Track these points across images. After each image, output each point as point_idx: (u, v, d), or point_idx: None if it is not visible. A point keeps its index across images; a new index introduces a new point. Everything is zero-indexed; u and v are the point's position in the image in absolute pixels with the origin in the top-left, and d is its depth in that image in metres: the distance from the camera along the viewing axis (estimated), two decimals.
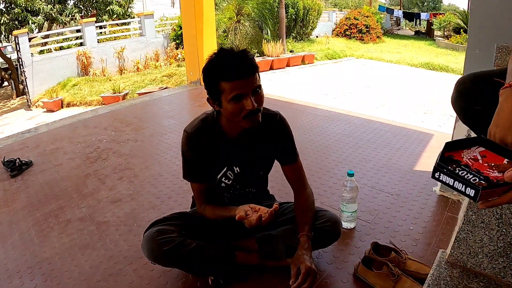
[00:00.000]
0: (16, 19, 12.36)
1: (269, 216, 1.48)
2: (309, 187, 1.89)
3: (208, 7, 6.11)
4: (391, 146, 3.47)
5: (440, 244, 2.04)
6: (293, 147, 1.84)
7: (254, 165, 1.81)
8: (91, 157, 3.56)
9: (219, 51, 1.54)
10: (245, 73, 1.49)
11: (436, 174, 0.92)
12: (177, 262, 1.68)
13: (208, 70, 1.54)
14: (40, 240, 2.31)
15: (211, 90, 1.56)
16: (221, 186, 1.81)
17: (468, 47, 2.26)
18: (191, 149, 1.70)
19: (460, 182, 0.86)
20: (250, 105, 1.50)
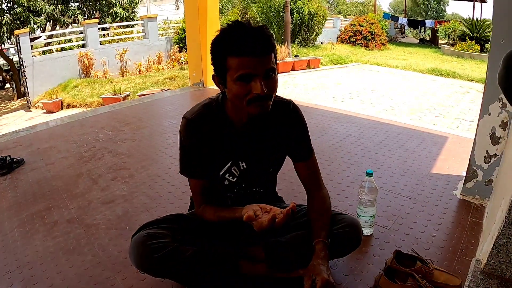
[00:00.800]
0: (18, 19, 12.25)
1: (284, 217, 1.24)
2: (324, 187, 1.64)
3: (212, 9, 5.94)
4: (405, 148, 3.26)
5: (467, 252, 1.83)
6: (308, 141, 1.60)
7: (262, 160, 1.56)
8: (85, 156, 3.34)
9: (233, 22, 1.30)
10: (258, 50, 1.25)
11: None
12: (170, 271, 1.43)
13: (216, 41, 1.31)
14: (23, 242, 2.08)
15: (217, 65, 1.33)
16: (224, 184, 1.56)
17: (492, 37, 2.13)
18: (190, 138, 1.45)
19: None
20: (258, 89, 1.26)
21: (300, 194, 1.66)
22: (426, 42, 22.40)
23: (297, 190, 1.68)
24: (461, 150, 3.06)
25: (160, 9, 23.40)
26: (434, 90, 9.08)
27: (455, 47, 16.96)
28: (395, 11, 41.74)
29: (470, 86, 9.65)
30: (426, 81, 10.49)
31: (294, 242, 1.54)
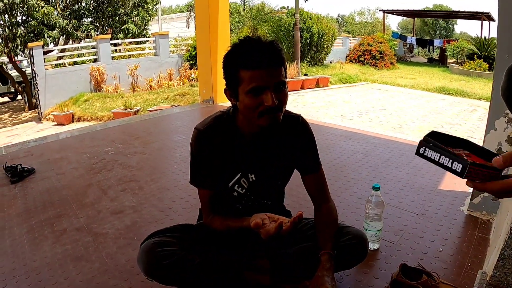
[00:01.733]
0: (32, 31, 12.49)
1: (291, 224, 1.26)
2: (331, 200, 1.65)
3: (223, 28, 6.05)
4: (412, 165, 3.27)
5: (473, 267, 1.83)
6: (315, 154, 1.62)
7: (271, 173, 1.58)
8: (95, 167, 3.39)
9: (245, 37, 1.36)
10: (269, 63, 1.30)
11: (421, 149, 0.87)
12: (177, 279, 1.45)
13: (229, 55, 1.36)
14: (31, 248, 2.12)
15: (229, 78, 1.37)
16: (233, 195, 1.58)
17: (497, 53, 2.17)
18: (201, 149, 1.48)
19: (447, 157, 0.81)
20: (269, 101, 1.29)
21: (308, 208, 1.66)
22: (435, 61, 22.44)
23: (305, 204, 1.70)
24: None
25: (171, 26, 23.72)
26: (442, 109, 9.08)
27: (463, 66, 16.98)
28: (404, 30, 41.97)
29: (478, 105, 9.63)
30: (434, 99, 10.49)
31: (300, 253, 1.55)
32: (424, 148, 0.86)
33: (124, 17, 14.48)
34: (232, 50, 1.35)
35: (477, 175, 0.80)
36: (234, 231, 1.47)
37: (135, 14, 14.86)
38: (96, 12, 14.22)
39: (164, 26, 23.54)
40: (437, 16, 32.84)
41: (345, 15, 49.93)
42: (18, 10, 12.23)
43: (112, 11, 14.16)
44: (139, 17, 14.97)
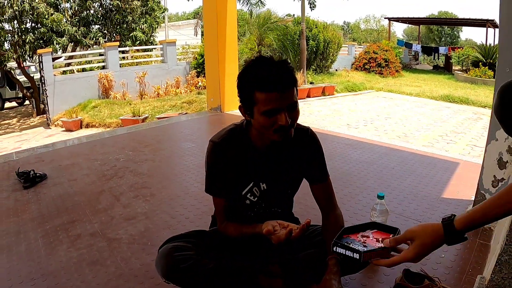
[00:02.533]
0: (41, 38, 12.69)
1: (300, 231, 1.36)
2: (338, 208, 1.73)
3: (231, 37, 6.15)
4: (416, 174, 3.33)
5: (474, 272, 1.89)
6: (324, 164, 1.70)
7: (282, 182, 1.67)
8: (107, 174, 3.48)
9: (258, 58, 1.43)
10: (283, 86, 1.37)
11: (333, 248, 1.23)
12: (193, 282, 1.53)
13: (244, 77, 1.43)
14: (47, 252, 2.20)
15: (244, 98, 1.45)
16: (245, 203, 1.66)
17: (498, 66, 2.23)
18: (216, 161, 1.57)
19: (350, 250, 1.20)
20: (283, 121, 1.38)
21: (315, 216, 1.74)
22: (440, 68, 22.49)
23: (312, 212, 1.78)
24: (472, 176, 3.12)
25: (178, 33, 23.92)
26: (447, 117, 9.13)
27: (468, 73, 17.03)
28: (409, 37, 42.04)
29: (482, 113, 9.67)
30: (440, 107, 10.55)
31: (309, 259, 1.63)
32: (335, 247, 1.22)
33: (132, 25, 14.67)
34: (247, 71, 1.42)
35: (372, 257, 1.17)
36: (247, 237, 1.56)
37: (143, 22, 15.05)
38: (104, 19, 14.43)
39: (171, 33, 23.74)
40: (442, 23, 32.90)
41: (351, 22, 50.07)
42: (28, 17, 12.43)
43: (120, 18, 14.35)
44: (146, 25, 15.16)
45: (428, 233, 1.10)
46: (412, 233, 1.12)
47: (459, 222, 1.06)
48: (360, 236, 1.27)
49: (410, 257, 1.11)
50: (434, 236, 1.09)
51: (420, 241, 1.10)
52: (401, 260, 1.13)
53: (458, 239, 1.07)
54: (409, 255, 1.11)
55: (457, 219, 1.07)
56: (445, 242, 1.09)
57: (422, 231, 1.11)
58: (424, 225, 1.12)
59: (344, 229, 1.31)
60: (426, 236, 1.09)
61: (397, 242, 1.17)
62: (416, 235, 1.11)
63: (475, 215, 1.05)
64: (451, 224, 1.06)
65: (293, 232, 1.36)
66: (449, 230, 1.06)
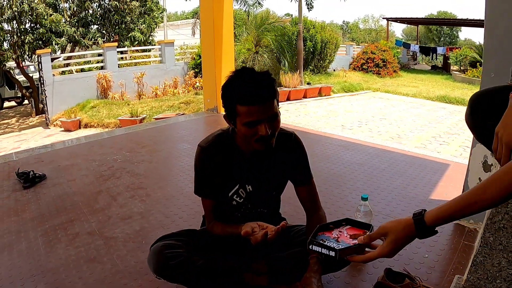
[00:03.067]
0: (40, 39, 12.77)
1: (275, 233, 1.45)
2: (322, 209, 1.83)
3: (228, 38, 6.21)
4: (406, 175, 3.42)
5: (456, 272, 1.96)
6: (307, 168, 1.80)
7: (267, 184, 1.77)
8: (104, 175, 3.56)
9: (240, 71, 1.52)
10: (262, 99, 1.46)
11: (309, 246, 1.26)
12: (182, 278, 1.63)
13: (226, 90, 1.53)
14: (46, 250, 2.29)
15: (227, 109, 1.55)
16: (232, 204, 1.76)
17: (483, 71, 2.28)
18: (204, 164, 1.67)
19: (325, 248, 1.23)
20: (263, 131, 1.48)
21: (303, 216, 1.84)
22: (438, 69, 22.59)
23: (301, 212, 1.86)
24: (460, 177, 3.16)
25: (176, 33, 23.97)
26: (442, 118, 9.22)
27: (466, 73, 17.13)
28: (408, 37, 42.10)
29: None
30: (435, 108, 10.64)
31: (293, 257, 1.72)
32: (311, 246, 1.26)
33: (131, 25, 14.73)
34: (229, 84, 1.51)
35: (347, 254, 1.22)
36: (232, 236, 1.64)
37: (141, 22, 15.11)
38: (103, 19, 14.50)
39: (170, 32, 23.79)
40: (440, 23, 32.98)
41: (350, 22, 50.16)
42: (27, 18, 12.52)
43: (119, 19, 14.41)
44: (145, 25, 15.22)
45: (401, 229, 1.13)
46: (385, 229, 1.16)
47: (429, 218, 1.09)
48: (334, 233, 1.32)
49: (385, 253, 1.15)
50: (406, 231, 1.12)
51: (393, 237, 1.13)
52: (376, 256, 1.17)
53: (428, 234, 1.11)
54: (384, 251, 1.15)
55: (427, 214, 1.10)
56: (416, 236, 1.12)
57: (394, 226, 1.15)
58: (397, 221, 1.16)
59: (319, 226, 1.35)
60: (398, 232, 1.13)
61: (371, 238, 1.21)
62: (389, 231, 1.15)
63: (445, 212, 1.09)
64: (421, 219, 1.10)
65: (269, 234, 1.45)
66: (419, 225, 1.10)
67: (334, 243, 1.25)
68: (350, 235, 1.30)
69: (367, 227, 1.33)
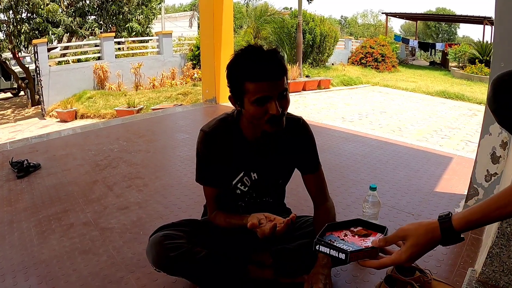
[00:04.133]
0: (36, 29, 12.58)
1: (284, 226, 1.34)
2: (330, 199, 1.74)
3: (227, 29, 6.12)
4: (410, 167, 3.34)
5: (465, 265, 1.90)
6: (315, 155, 1.70)
7: (273, 172, 1.67)
8: (100, 164, 3.47)
9: (247, 48, 1.42)
10: (273, 75, 1.36)
11: (316, 246, 1.12)
12: (183, 270, 1.54)
13: (233, 67, 1.42)
14: (39, 241, 2.20)
15: (234, 88, 1.44)
16: (236, 193, 1.66)
17: (493, 60, 2.23)
18: (206, 150, 1.56)
19: (334, 250, 1.08)
20: (274, 110, 1.37)
21: (308, 207, 1.76)
22: (437, 64, 22.53)
23: (305, 203, 1.78)
24: (465, 170, 3.14)
25: (174, 25, 23.79)
26: (442, 112, 9.17)
27: (465, 70, 17.07)
28: (407, 33, 42.05)
29: (478, 109, 9.71)
30: (435, 103, 10.58)
31: (299, 249, 1.63)
32: (318, 246, 1.12)
33: (128, 16, 14.56)
34: (236, 61, 1.41)
35: (359, 257, 1.07)
36: (236, 227, 1.55)
37: (139, 13, 14.94)
38: (100, 10, 14.31)
39: (167, 25, 23.61)
40: (439, 19, 32.91)
41: (348, 17, 50.02)
42: (23, 7, 12.33)
43: (116, 9, 14.23)
44: (143, 16, 15.06)
45: (422, 232, 1.00)
46: (405, 231, 1.03)
47: (457, 222, 0.97)
48: (344, 234, 1.19)
49: (402, 259, 1.02)
50: (429, 236, 0.99)
51: (413, 241, 1.01)
52: (391, 262, 1.05)
53: (454, 240, 0.99)
54: (401, 257, 1.02)
55: (454, 218, 0.98)
56: (440, 242, 1.00)
57: (415, 229, 1.02)
58: (418, 224, 1.03)
59: (327, 225, 1.22)
60: (420, 236, 1.00)
61: (387, 242, 1.07)
62: (409, 234, 1.02)
63: (474, 216, 0.96)
64: (448, 223, 0.98)
65: (278, 227, 1.34)
66: (447, 230, 0.98)
67: (344, 244, 1.12)
68: (362, 238, 1.17)
69: (381, 230, 1.19)
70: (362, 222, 1.24)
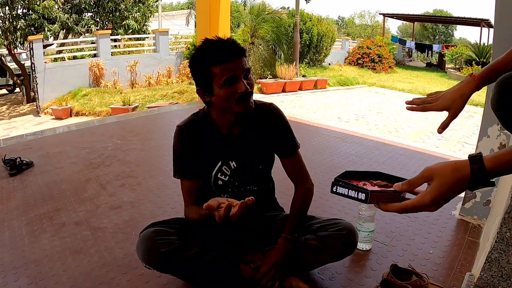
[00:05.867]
0: (32, 25, 12.49)
1: (239, 208, 1.23)
2: (310, 181, 1.76)
3: (223, 28, 6.09)
4: (406, 169, 3.32)
5: (462, 269, 1.88)
6: (291, 138, 1.71)
7: (251, 158, 1.67)
8: (94, 162, 3.43)
9: (206, 40, 1.49)
10: (236, 55, 1.45)
11: (334, 188, 1.04)
12: (174, 267, 1.51)
13: (197, 57, 1.49)
14: (30, 241, 2.16)
15: (201, 77, 1.49)
16: (218, 184, 1.65)
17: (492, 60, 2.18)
18: (181, 143, 1.60)
19: (353, 190, 1.00)
20: (243, 87, 1.44)
21: None
22: (433, 66, 22.57)
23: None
24: None
25: (171, 23, 23.72)
26: (438, 114, 9.09)
27: (461, 71, 17.10)
28: (404, 34, 42.12)
29: (474, 111, 9.72)
30: None
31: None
32: (336, 187, 1.04)
33: (125, 13, 14.50)
34: (200, 51, 1.48)
35: (379, 199, 0.98)
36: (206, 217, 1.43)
37: (136, 10, 14.88)
38: (97, 7, 14.24)
39: (164, 23, 23.53)
40: (436, 21, 32.99)
41: (345, 17, 50.04)
42: (19, 3, 12.25)
43: (113, 6, 14.17)
44: (139, 13, 14.99)
45: (450, 171, 0.88)
46: (431, 170, 0.92)
47: (489, 161, 0.85)
48: (362, 184, 1.08)
49: (426, 201, 0.90)
50: (457, 175, 0.87)
51: (439, 181, 0.89)
52: (414, 205, 0.92)
53: (483, 182, 0.87)
54: (426, 199, 0.90)
55: (486, 158, 0.86)
56: (468, 185, 0.88)
57: (442, 168, 0.90)
58: (446, 163, 0.91)
59: (346, 172, 1.11)
60: (447, 175, 0.88)
61: (411, 185, 0.96)
62: (435, 173, 0.90)
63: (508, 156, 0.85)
64: (480, 162, 0.86)
65: (232, 209, 1.25)
66: (477, 168, 0.86)
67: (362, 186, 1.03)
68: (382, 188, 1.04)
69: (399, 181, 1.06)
70: (382, 175, 1.13)
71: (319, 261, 1.65)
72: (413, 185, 0.96)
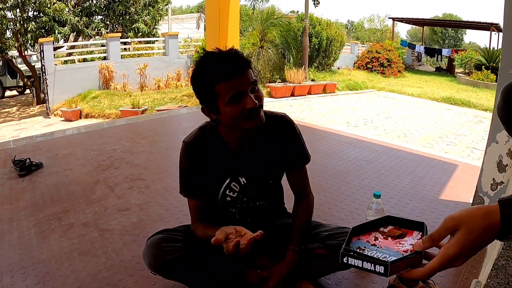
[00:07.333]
0: (43, 27, 12.59)
1: (248, 244, 1.26)
2: (312, 195, 1.72)
3: (233, 32, 6.09)
4: (414, 174, 3.30)
5: (469, 276, 1.86)
6: (303, 151, 1.65)
7: (262, 173, 1.62)
8: (103, 164, 3.46)
9: (206, 54, 1.41)
10: (239, 69, 1.35)
11: (344, 259, 0.91)
12: (180, 274, 1.52)
13: (198, 75, 1.40)
14: (39, 241, 2.18)
15: (205, 97, 1.41)
16: (226, 200, 1.62)
17: (501, 67, 2.21)
18: (188, 160, 1.53)
19: (369, 262, 0.86)
20: (251, 103, 1.35)
21: None
22: (443, 70, 22.44)
23: None
24: (470, 178, 3.09)
25: (181, 27, 23.82)
26: (447, 119, 9.11)
27: (471, 76, 16.98)
28: (413, 38, 41.93)
29: (484, 116, 9.64)
30: (440, 109, 10.52)
31: None
32: (347, 258, 0.90)
33: (135, 16, 14.57)
34: (200, 69, 1.40)
35: (401, 268, 0.84)
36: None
37: (146, 14, 14.95)
38: (107, 10, 14.33)
39: (174, 26, 23.64)
40: (446, 25, 32.76)
41: (355, 21, 49.91)
42: (30, 6, 12.35)
43: (123, 9, 14.25)
44: (149, 17, 15.06)
45: (480, 216, 0.75)
46: (455, 220, 0.78)
47: None
48: (373, 238, 0.97)
49: (450, 255, 0.77)
50: (486, 222, 0.75)
51: (467, 229, 0.76)
52: (440, 264, 0.78)
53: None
54: (449, 252, 0.77)
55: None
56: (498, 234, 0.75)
57: (469, 216, 0.77)
58: (473, 209, 0.78)
59: (353, 229, 1.00)
60: (475, 222, 0.75)
61: (433, 240, 0.83)
62: (461, 222, 0.77)
63: None
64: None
65: (241, 245, 1.27)
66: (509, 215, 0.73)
67: (377, 251, 0.91)
68: (396, 240, 0.94)
69: (418, 227, 0.97)
70: (393, 219, 1.02)
71: (327, 269, 1.64)
72: (436, 240, 0.83)
